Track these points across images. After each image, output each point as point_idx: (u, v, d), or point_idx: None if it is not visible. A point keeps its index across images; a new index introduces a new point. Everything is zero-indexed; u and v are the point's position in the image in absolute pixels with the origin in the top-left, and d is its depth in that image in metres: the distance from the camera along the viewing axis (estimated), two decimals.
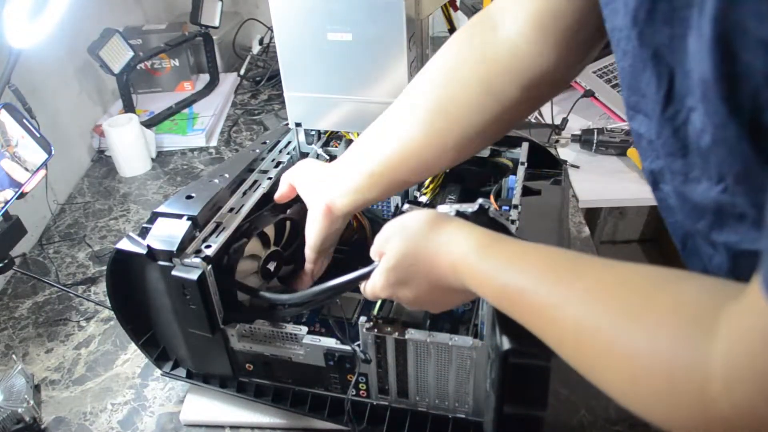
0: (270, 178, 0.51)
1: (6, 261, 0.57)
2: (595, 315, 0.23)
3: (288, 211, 0.49)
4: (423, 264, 0.33)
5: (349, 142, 0.55)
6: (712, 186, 0.23)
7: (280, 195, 0.47)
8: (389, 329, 0.40)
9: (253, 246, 0.46)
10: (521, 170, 0.49)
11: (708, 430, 0.20)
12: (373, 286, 0.36)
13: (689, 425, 0.20)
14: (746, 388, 0.18)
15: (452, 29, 0.97)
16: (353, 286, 0.38)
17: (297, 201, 0.52)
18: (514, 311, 0.28)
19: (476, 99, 0.36)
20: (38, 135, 0.57)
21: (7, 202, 0.55)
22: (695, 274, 0.22)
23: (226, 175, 0.48)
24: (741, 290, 0.19)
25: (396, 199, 0.55)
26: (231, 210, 0.46)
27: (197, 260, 0.41)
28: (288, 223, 0.50)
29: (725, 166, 0.21)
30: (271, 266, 0.48)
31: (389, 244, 0.34)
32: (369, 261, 0.37)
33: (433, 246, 0.32)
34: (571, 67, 0.35)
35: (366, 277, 0.37)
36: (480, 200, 0.38)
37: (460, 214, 0.37)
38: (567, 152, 0.86)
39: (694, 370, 0.19)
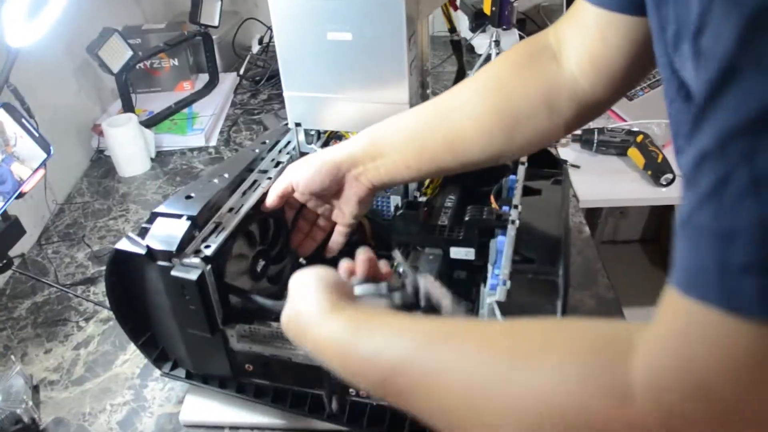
0: (270, 178, 0.50)
1: (5, 261, 0.57)
2: (487, 368, 0.21)
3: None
4: (301, 335, 0.31)
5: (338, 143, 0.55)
6: None
7: (272, 200, 0.46)
8: None
9: (241, 246, 0.46)
10: (521, 170, 0.49)
11: None
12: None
13: None
14: (673, 390, 0.16)
15: (452, 29, 0.97)
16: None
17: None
18: (390, 391, 0.25)
19: (537, 115, 0.39)
20: (37, 134, 0.57)
21: (5, 202, 0.55)
22: (572, 320, 0.21)
23: (226, 175, 0.48)
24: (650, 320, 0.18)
25: (396, 199, 0.55)
26: (230, 210, 0.46)
27: (196, 260, 0.40)
28: (271, 221, 0.49)
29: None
30: (260, 266, 0.47)
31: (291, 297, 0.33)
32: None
33: (312, 330, 0.30)
34: (617, 96, 0.39)
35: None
36: (400, 270, 0.34)
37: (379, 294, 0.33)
38: (567, 152, 0.86)
39: (611, 394, 0.17)
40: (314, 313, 0.30)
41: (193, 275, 0.40)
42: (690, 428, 0.16)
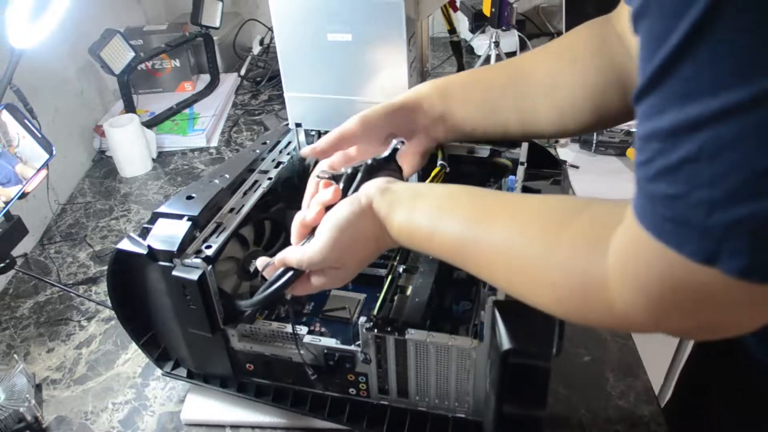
0: (270, 179, 0.51)
1: (7, 261, 0.57)
2: (522, 241, 0.29)
3: (271, 210, 0.49)
4: (355, 235, 0.34)
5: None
6: None
7: (321, 147, 0.41)
8: (389, 329, 0.40)
9: (232, 248, 0.46)
10: (521, 170, 0.49)
11: (617, 325, 0.26)
12: (311, 259, 0.35)
13: (604, 323, 0.26)
14: (627, 288, 0.24)
15: (452, 30, 0.98)
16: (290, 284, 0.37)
17: (279, 201, 0.52)
18: (448, 255, 0.32)
19: (610, 96, 0.40)
20: (39, 135, 0.57)
21: (8, 202, 0.56)
22: (599, 200, 0.28)
23: (227, 176, 0.48)
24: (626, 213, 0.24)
25: None
26: (231, 210, 0.46)
27: (198, 260, 0.41)
28: (268, 223, 0.49)
29: None
30: (252, 267, 0.47)
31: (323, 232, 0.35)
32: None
33: (363, 220, 0.34)
34: None
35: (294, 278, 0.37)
36: (393, 142, 0.39)
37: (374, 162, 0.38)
38: (566, 152, 0.86)
39: (596, 280, 0.25)
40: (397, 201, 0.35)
41: (194, 275, 0.40)
42: (641, 317, 0.24)
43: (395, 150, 0.40)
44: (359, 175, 0.38)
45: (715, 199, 0.19)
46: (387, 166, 0.39)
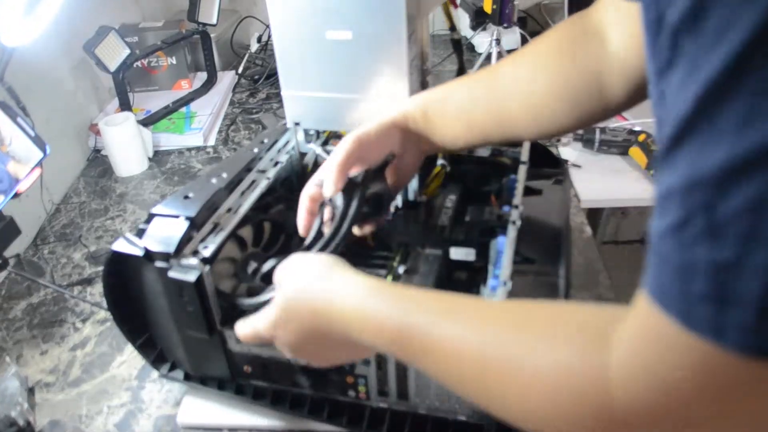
0: (268, 178, 0.50)
1: (0, 262, 0.57)
2: (500, 343, 0.24)
3: (270, 211, 0.49)
4: (308, 309, 0.32)
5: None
6: None
7: (336, 183, 0.39)
8: None
9: (229, 249, 0.45)
10: (522, 170, 0.48)
11: None
12: (255, 326, 0.35)
13: (593, 428, 0.21)
14: (639, 386, 0.19)
15: (452, 27, 0.97)
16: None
17: (279, 202, 0.51)
18: (411, 353, 0.28)
19: (588, 96, 0.38)
20: (33, 134, 0.56)
21: (1, 203, 0.55)
22: (587, 303, 0.24)
23: (224, 175, 0.47)
24: (629, 310, 0.21)
25: (397, 199, 0.54)
26: (229, 210, 0.46)
27: (194, 261, 0.40)
28: (267, 224, 0.49)
29: None
30: (251, 268, 0.46)
31: (282, 285, 0.34)
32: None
33: (322, 293, 0.31)
34: None
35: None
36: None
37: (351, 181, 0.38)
38: (569, 151, 0.85)
39: (595, 384, 0.21)
40: (322, 272, 0.32)
41: (192, 276, 0.39)
42: (648, 421, 0.19)
43: (386, 163, 0.40)
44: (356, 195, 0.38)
45: None
46: (376, 179, 0.40)
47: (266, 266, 0.40)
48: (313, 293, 0.32)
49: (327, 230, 0.39)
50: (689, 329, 0.17)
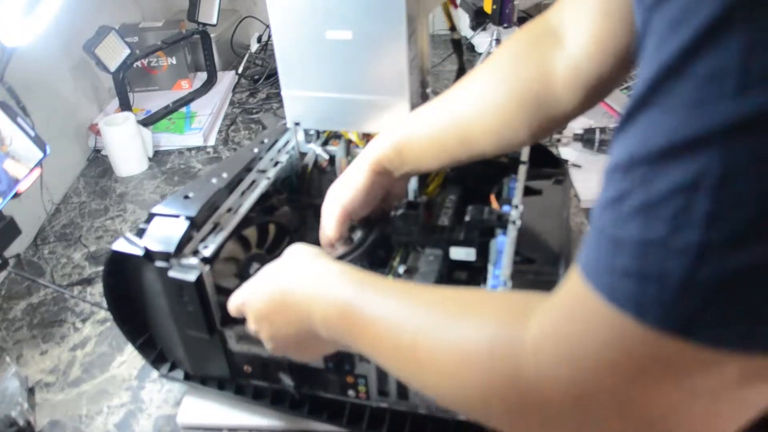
0: (269, 178, 0.50)
1: (0, 262, 0.57)
2: (427, 323, 0.25)
3: (276, 213, 0.49)
4: (284, 309, 0.34)
5: (349, 141, 0.54)
6: None
7: (338, 232, 0.44)
8: None
9: (232, 249, 0.45)
10: (522, 170, 0.48)
11: (515, 404, 0.21)
12: (240, 305, 0.37)
13: (496, 399, 0.22)
14: (550, 358, 0.19)
15: (452, 27, 0.97)
16: None
17: (285, 204, 0.51)
18: (352, 331, 0.29)
19: (542, 103, 0.38)
20: (33, 134, 0.56)
21: (1, 203, 0.55)
22: (529, 291, 0.24)
23: (224, 175, 0.47)
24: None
25: None
26: (229, 210, 0.46)
27: (195, 261, 0.40)
28: (272, 226, 0.49)
29: None
30: (253, 269, 0.46)
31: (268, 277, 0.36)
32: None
33: (290, 290, 0.33)
34: (625, 73, 0.37)
35: None
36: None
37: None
38: (569, 151, 0.85)
39: (505, 358, 0.21)
40: (306, 261, 0.34)
41: (192, 276, 0.39)
42: (556, 393, 0.19)
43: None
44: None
45: (709, 243, 0.15)
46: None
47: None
48: (296, 281, 0.33)
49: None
50: (611, 303, 0.17)
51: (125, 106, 0.88)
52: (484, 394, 0.22)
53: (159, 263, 0.41)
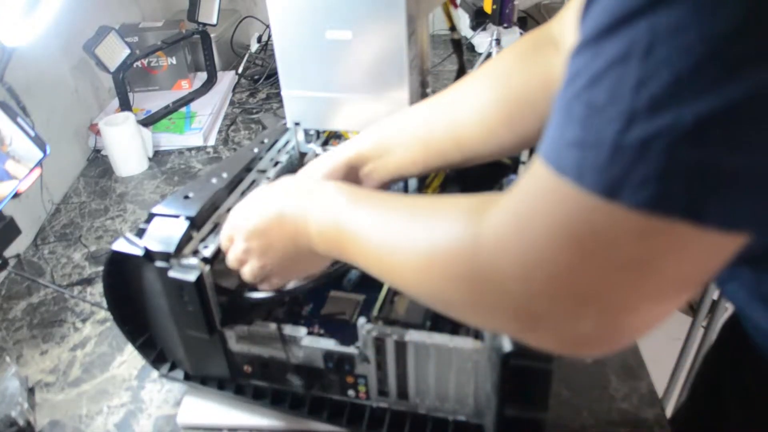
0: (269, 178, 0.50)
1: (0, 262, 0.57)
2: (402, 227, 0.27)
3: None
4: (279, 225, 0.34)
5: (345, 141, 0.54)
6: None
7: None
8: (389, 330, 0.39)
9: None
10: (522, 169, 0.48)
11: (476, 280, 0.22)
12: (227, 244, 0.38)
13: (467, 289, 0.22)
14: (506, 232, 0.20)
15: (452, 27, 0.97)
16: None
17: None
18: (342, 246, 0.31)
19: (540, 105, 0.38)
20: (33, 134, 0.56)
21: (1, 202, 0.55)
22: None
23: (224, 175, 0.47)
24: None
25: None
26: (229, 210, 0.46)
27: (195, 261, 0.40)
28: None
29: None
30: None
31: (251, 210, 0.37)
32: None
33: (287, 207, 0.34)
34: None
35: None
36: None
37: None
38: None
39: (463, 242, 0.22)
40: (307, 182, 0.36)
41: (192, 276, 0.39)
42: (507, 267, 0.20)
43: None
44: None
45: (636, 108, 0.16)
46: None
47: None
48: (291, 198, 0.35)
49: None
50: (558, 172, 0.19)
51: (125, 106, 0.88)
52: (450, 282, 0.23)
53: (159, 263, 0.41)
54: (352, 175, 0.44)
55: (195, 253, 0.41)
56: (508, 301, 0.21)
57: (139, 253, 0.41)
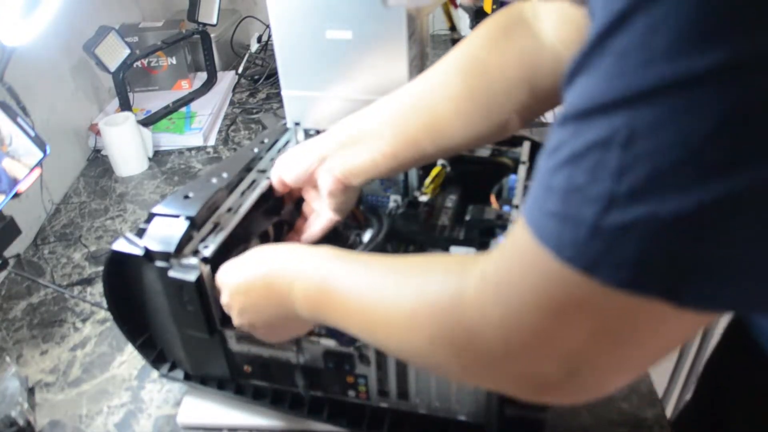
0: (269, 178, 0.50)
1: (0, 262, 0.57)
2: (384, 287, 0.27)
3: (282, 212, 0.49)
4: (265, 287, 0.35)
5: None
6: None
7: (277, 189, 0.48)
8: None
9: (254, 245, 0.46)
10: (522, 169, 0.48)
11: (460, 350, 0.22)
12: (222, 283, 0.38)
13: (451, 353, 0.23)
14: (489, 299, 0.21)
15: (452, 27, 0.97)
16: None
17: (282, 204, 0.51)
18: (326, 308, 0.31)
19: (517, 92, 0.38)
20: (33, 134, 0.56)
21: (1, 202, 0.55)
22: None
23: (224, 175, 0.47)
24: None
25: (395, 197, 0.54)
26: (229, 210, 0.46)
27: (195, 261, 0.40)
28: (286, 227, 0.49)
29: None
30: None
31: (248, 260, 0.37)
32: None
33: (274, 269, 0.34)
34: None
35: None
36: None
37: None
38: None
39: (454, 300, 0.22)
40: (289, 247, 0.36)
41: (192, 276, 0.39)
42: (491, 333, 0.21)
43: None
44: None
45: (615, 194, 0.17)
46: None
47: None
48: (277, 262, 0.35)
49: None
50: (538, 240, 0.19)
51: (125, 106, 0.88)
52: (433, 342, 0.24)
53: (159, 263, 0.41)
54: (313, 167, 0.43)
55: (195, 252, 0.41)
56: (489, 361, 0.22)
57: (139, 253, 0.41)
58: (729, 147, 0.16)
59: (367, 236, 0.47)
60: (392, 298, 0.26)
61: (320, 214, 0.46)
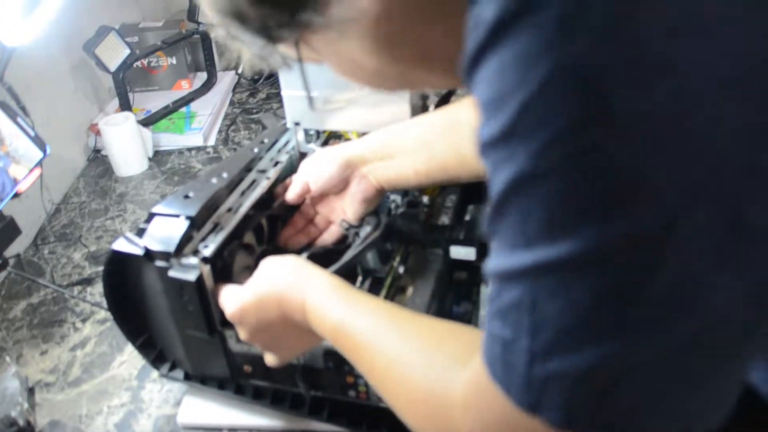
0: (268, 178, 0.50)
1: (0, 262, 0.57)
2: (401, 351, 0.30)
3: (273, 206, 0.49)
4: (278, 304, 0.36)
5: (348, 141, 0.54)
6: None
7: (293, 195, 0.48)
8: None
9: (243, 259, 0.46)
10: None
11: None
12: (228, 302, 0.39)
13: None
14: (472, 421, 0.24)
15: None
16: None
17: (273, 199, 0.51)
18: (343, 345, 0.33)
19: None
20: (33, 134, 0.56)
21: (1, 203, 0.55)
22: (472, 328, 0.29)
23: (224, 175, 0.47)
24: None
25: (395, 197, 0.54)
26: (229, 210, 0.46)
27: (195, 261, 0.40)
28: (280, 223, 0.49)
29: None
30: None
31: (257, 278, 0.38)
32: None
33: (290, 289, 0.36)
34: None
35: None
36: None
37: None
38: None
39: (445, 396, 0.26)
40: (295, 268, 0.37)
41: (192, 276, 0.39)
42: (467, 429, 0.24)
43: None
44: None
45: (534, 351, 0.20)
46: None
47: None
48: (285, 285, 0.36)
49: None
50: (494, 380, 0.21)
51: (125, 106, 0.88)
52: (424, 420, 0.27)
53: (159, 263, 0.41)
54: (346, 173, 0.44)
55: (195, 252, 0.41)
56: None
57: (140, 252, 0.41)
58: (610, 315, 0.18)
59: (364, 232, 0.47)
60: (399, 370, 0.29)
61: (337, 218, 0.48)
